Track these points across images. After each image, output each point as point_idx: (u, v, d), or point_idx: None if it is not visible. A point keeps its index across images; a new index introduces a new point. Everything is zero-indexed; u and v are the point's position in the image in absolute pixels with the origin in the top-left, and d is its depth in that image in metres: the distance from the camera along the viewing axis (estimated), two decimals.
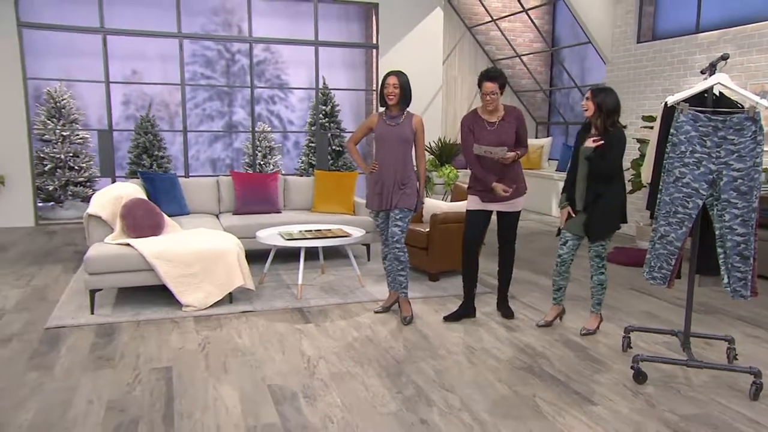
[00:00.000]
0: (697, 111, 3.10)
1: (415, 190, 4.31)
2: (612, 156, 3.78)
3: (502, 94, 4.15)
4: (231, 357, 3.66)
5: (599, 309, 4.12)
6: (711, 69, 3.24)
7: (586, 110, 3.85)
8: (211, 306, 4.54)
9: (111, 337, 3.96)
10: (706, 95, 3.25)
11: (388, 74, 4.26)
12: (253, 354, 3.72)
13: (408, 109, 4.32)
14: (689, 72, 7.05)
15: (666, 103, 3.26)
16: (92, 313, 4.38)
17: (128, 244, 4.50)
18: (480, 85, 4.14)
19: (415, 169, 4.37)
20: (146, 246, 4.46)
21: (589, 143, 3.83)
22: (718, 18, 6.83)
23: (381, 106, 4.35)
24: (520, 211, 4.35)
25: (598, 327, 4.12)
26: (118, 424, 2.83)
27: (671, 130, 3.16)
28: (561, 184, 9.02)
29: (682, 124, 3.11)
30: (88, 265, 4.32)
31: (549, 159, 10.21)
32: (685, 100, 3.18)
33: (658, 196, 3.28)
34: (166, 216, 5.08)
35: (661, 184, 3.26)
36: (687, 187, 3.14)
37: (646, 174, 3.55)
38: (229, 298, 4.67)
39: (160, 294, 4.78)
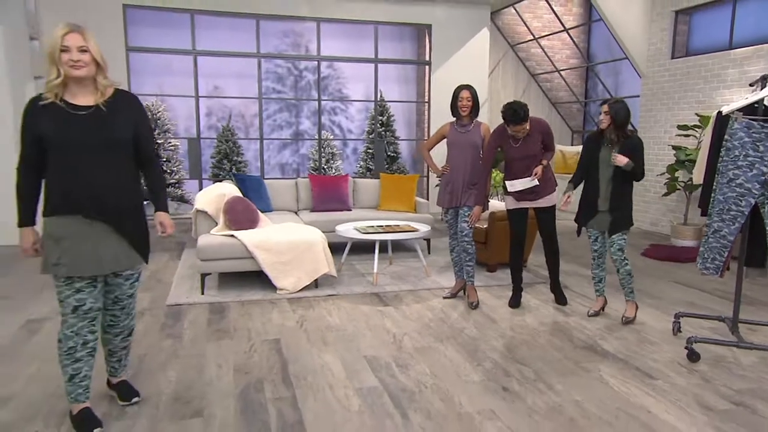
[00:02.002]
0: (750, 119, 3.16)
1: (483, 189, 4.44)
2: (641, 159, 3.85)
3: (526, 125, 4.13)
4: (327, 332, 3.87)
5: (633, 297, 4.14)
6: (763, 82, 3.30)
7: (603, 125, 3.89)
8: (301, 290, 4.77)
9: (222, 314, 4.22)
10: (756, 105, 3.31)
11: (461, 89, 4.39)
12: (345, 330, 3.92)
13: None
14: (722, 85, 6.99)
15: (720, 112, 3.33)
16: (202, 293, 4.66)
17: (232, 235, 4.77)
18: (507, 125, 4.12)
19: None
20: (247, 237, 4.72)
21: (621, 159, 3.80)
22: (751, 35, 6.76)
23: (453, 116, 4.50)
24: (554, 206, 4.43)
25: (635, 314, 4.15)
26: (247, 384, 3.06)
27: (725, 137, 3.24)
28: None
29: (736, 131, 3.18)
30: (200, 252, 4.60)
31: None
32: (739, 110, 3.25)
33: (712, 195, 3.35)
34: (259, 211, 5.34)
35: (714, 184, 3.33)
36: (740, 187, 3.21)
37: (698, 175, 3.62)
38: (315, 284, 4.89)
39: (255, 279, 5.04)
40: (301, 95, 10.07)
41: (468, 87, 4.41)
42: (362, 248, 6.32)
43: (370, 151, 9.92)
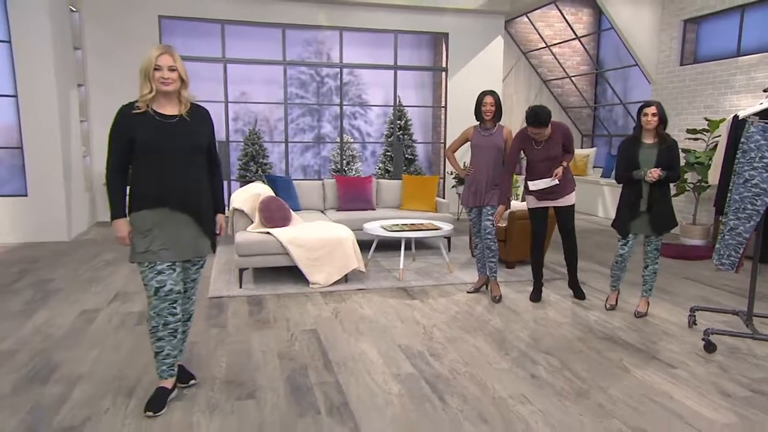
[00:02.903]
0: (766, 123, 3.22)
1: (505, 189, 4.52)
2: (678, 163, 3.89)
3: (547, 128, 4.21)
4: (360, 323, 3.97)
5: (650, 294, 4.21)
6: None
7: (650, 126, 3.84)
8: (332, 284, 4.88)
9: (261, 306, 4.34)
10: None
11: (485, 94, 4.47)
12: (378, 321, 4.02)
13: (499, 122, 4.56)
14: (730, 91, 7.01)
15: (737, 116, 3.39)
16: (240, 287, 4.78)
17: (267, 233, 4.88)
18: (529, 126, 4.19)
19: None
20: (282, 234, 4.83)
21: (653, 175, 3.83)
22: (758, 42, 6.78)
23: (477, 120, 4.58)
24: (573, 205, 4.48)
25: (647, 309, 4.20)
26: (293, 369, 3.17)
27: (742, 139, 3.30)
28: (605, 189, 9.06)
29: (752, 134, 3.24)
30: (239, 248, 4.72)
31: (594, 167, 10.22)
32: (754, 114, 3.30)
33: (728, 195, 3.41)
34: (291, 210, 5.45)
35: (731, 185, 3.39)
36: (756, 187, 3.27)
37: (714, 176, 3.68)
38: (345, 279, 4.99)
39: (287, 273, 5.15)
40: (323, 100, 10.20)
41: (491, 93, 4.49)
42: (386, 245, 6.41)
43: (389, 153, 10.02)
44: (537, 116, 4.13)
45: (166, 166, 2.58)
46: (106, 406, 2.69)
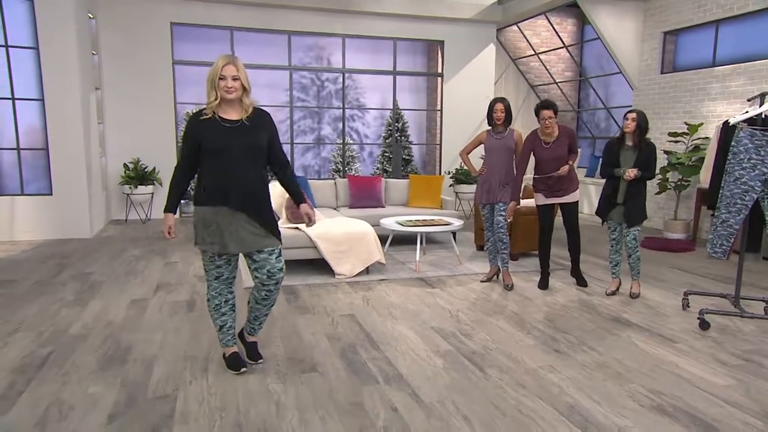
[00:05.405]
0: (753, 129, 3.64)
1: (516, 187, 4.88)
2: (654, 164, 4.32)
3: (555, 117, 4.64)
4: (392, 309, 4.28)
5: (639, 277, 4.67)
6: (761, 98, 3.77)
7: (628, 129, 4.34)
8: (356, 275, 5.17)
9: (296, 295, 4.61)
10: (755, 118, 3.79)
11: (496, 101, 4.83)
12: (407, 307, 4.33)
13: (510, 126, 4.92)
14: (706, 97, 7.51)
15: (727, 122, 3.80)
16: None
17: (296, 228, 5.15)
18: (538, 114, 4.63)
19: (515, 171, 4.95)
20: (310, 229, 5.11)
21: (630, 174, 4.30)
22: (732, 54, 7.29)
23: (489, 125, 4.94)
24: (577, 202, 4.87)
25: (640, 290, 4.67)
26: (343, 347, 3.46)
27: (732, 143, 3.71)
28: (591, 188, 9.53)
29: (741, 138, 3.66)
30: None
31: (578, 167, 10.70)
32: (743, 121, 3.72)
33: (720, 192, 3.82)
34: (314, 207, 5.72)
35: (722, 183, 3.80)
36: (745, 185, 3.68)
37: (706, 176, 4.10)
38: (367, 270, 5.29)
39: (311, 265, 5.43)
40: (323, 104, 10.47)
41: (502, 99, 4.85)
42: (397, 240, 6.72)
43: (387, 154, 10.34)
44: (546, 101, 4.64)
45: (227, 167, 2.78)
46: (189, 379, 2.96)
